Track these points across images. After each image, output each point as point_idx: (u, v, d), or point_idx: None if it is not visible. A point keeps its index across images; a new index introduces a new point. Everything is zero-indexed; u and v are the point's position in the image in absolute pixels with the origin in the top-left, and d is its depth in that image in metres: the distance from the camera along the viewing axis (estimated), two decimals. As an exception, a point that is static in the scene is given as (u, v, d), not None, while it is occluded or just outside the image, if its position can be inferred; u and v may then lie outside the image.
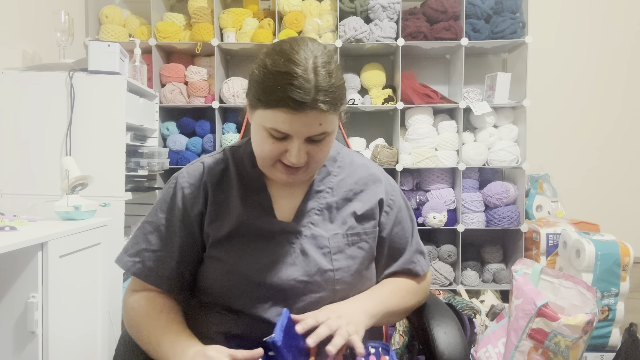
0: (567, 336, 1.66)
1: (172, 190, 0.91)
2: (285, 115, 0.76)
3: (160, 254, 0.88)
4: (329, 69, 0.77)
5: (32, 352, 1.28)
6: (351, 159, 0.98)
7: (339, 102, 0.79)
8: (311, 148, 0.81)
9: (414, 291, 0.97)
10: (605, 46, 2.88)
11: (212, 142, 2.59)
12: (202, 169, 0.92)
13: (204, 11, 2.58)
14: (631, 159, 2.89)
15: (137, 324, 0.86)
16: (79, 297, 1.51)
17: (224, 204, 0.90)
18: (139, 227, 0.92)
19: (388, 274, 0.97)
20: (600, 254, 2.04)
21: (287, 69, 0.75)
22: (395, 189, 0.99)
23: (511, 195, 2.56)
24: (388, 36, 2.53)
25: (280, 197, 0.91)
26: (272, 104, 0.76)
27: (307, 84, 0.74)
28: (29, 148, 1.85)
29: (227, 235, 0.87)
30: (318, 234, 0.88)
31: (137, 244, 0.90)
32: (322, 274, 0.85)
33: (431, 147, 2.58)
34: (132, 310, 0.88)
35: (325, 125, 0.79)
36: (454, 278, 2.61)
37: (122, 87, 1.88)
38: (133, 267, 0.89)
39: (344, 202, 0.92)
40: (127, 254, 0.91)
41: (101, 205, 1.76)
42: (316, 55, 0.78)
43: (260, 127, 0.80)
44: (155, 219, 0.90)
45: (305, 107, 0.75)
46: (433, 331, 0.94)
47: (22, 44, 2.06)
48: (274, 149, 0.80)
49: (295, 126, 0.77)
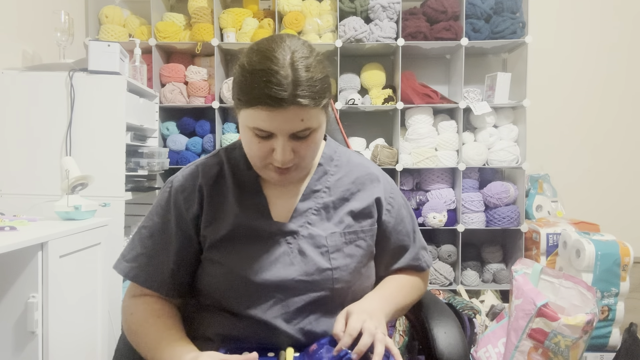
0: (567, 336, 1.66)
1: (167, 194, 0.91)
2: (265, 112, 0.75)
3: (157, 259, 0.88)
4: (307, 63, 0.77)
5: (32, 352, 1.28)
6: (348, 158, 0.98)
7: (320, 96, 0.78)
8: (297, 145, 0.80)
9: (418, 286, 0.99)
10: (604, 46, 2.88)
11: (212, 142, 2.59)
12: (197, 171, 0.92)
13: (204, 11, 2.58)
14: (631, 158, 2.90)
15: (135, 330, 0.86)
16: (79, 297, 1.51)
17: (220, 206, 0.89)
18: (135, 232, 0.92)
19: (393, 270, 0.97)
20: (600, 254, 2.04)
21: (263, 67, 0.75)
22: (394, 187, 0.99)
23: (511, 195, 2.56)
24: (388, 36, 2.53)
25: (276, 198, 0.91)
26: (251, 103, 0.76)
27: (284, 80, 0.74)
28: (29, 148, 1.85)
29: (224, 237, 0.87)
30: (315, 234, 0.88)
31: (133, 249, 0.90)
32: (320, 273, 0.85)
33: (431, 147, 2.58)
34: (131, 315, 0.87)
35: (308, 121, 0.78)
36: (454, 278, 2.61)
37: (122, 87, 1.88)
38: (130, 272, 0.89)
39: (341, 202, 0.92)
40: (124, 259, 0.90)
41: (101, 205, 1.76)
42: (294, 50, 0.77)
43: (245, 127, 0.80)
44: (151, 223, 0.90)
45: (284, 102, 0.74)
46: (433, 331, 0.94)
47: (22, 44, 2.06)
48: (261, 148, 0.80)
49: (275, 123, 0.76)
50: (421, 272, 1.01)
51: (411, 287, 0.97)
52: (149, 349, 0.82)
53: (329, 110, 0.87)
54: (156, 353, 0.80)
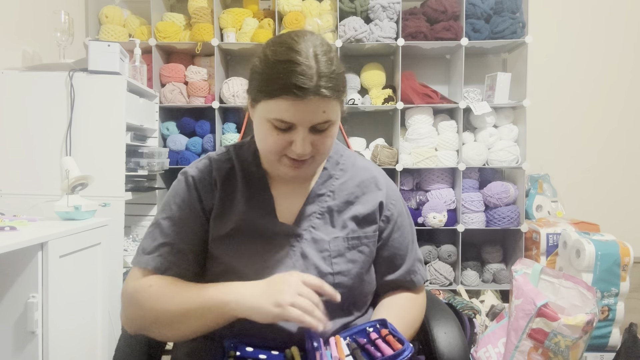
0: (567, 336, 1.66)
1: (184, 183, 0.90)
2: (289, 103, 0.76)
3: (180, 247, 0.86)
4: (329, 56, 0.78)
5: (32, 352, 1.28)
6: (353, 161, 0.98)
7: (341, 88, 0.80)
8: (316, 138, 0.81)
9: (418, 312, 0.96)
10: (605, 46, 2.88)
11: (212, 142, 2.59)
12: (211, 165, 0.92)
13: (204, 11, 2.58)
14: (631, 158, 2.90)
15: (159, 295, 0.81)
16: (79, 297, 1.51)
17: (229, 201, 0.89)
18: (152, 226, 0.89)
19: (388, 280, 0.96)
20: (600, 254, 2.04)
21: (288, 57, 0.76)
22: (396, 194, 0.98)
23: (511, 195, 2.56)
24: (388, 36, 2.53)
25: (282, 199, 0.91)
26: (275, 93, 0.76)
27: (309, 70, 0.75)
28: (29, 148, 1.85)
29: (228, 233, 0.87)
30: (319, 238, 0.88)
31: (154, 240, 0.87)
32: (321, 278, 0.85)
33: (431, 147, 2.58)
34: (150, 287, 0.82)
35: (329, 113, 0.79)
36: (454, 278, 2.61)
37: (122, 87, 1.88)
38: (152, 261, 0.85)
39: (345, 206, 0.92)
40: (144, 253, 0.87)
41: (101, 205, 1.76)
42: (316, 44, 0.78)
43: (263, 120, 0.80)
44: (170, 213, 0.88)
45: (309, 93, 0.75)
46: (433, 331, 0.94)
47: (22, 44, 2.06)
48: (279, 141, 0.80)
49: (299, 114, 0.77)
50: (415, 288, 0.98)
51: (416, 312, 0.95)
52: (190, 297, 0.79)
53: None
54: (205, 292, 0.78)
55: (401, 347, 0.73)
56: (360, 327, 0.84)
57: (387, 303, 0.95)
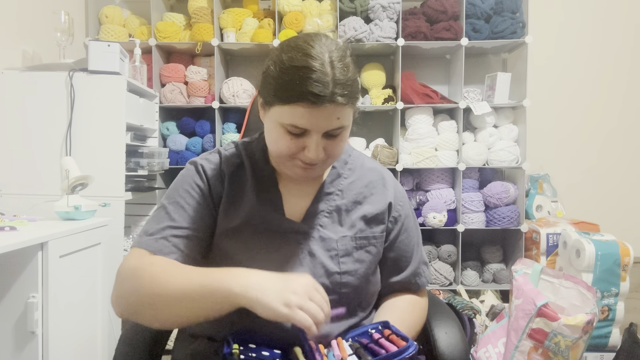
0: (567, 336, 1.66)
1: (194, 171, 0.89)
2: (304, 110, 0.75)
3: (185, 231, 0.84)
4: (344, 62, 0.78)
5: (32, 352, 1.28)
6: (362, 162, 0.98)
7: (355, 95, 0.80)
8: (328, 143, 0.81)
9: (420, 315, 0.96)
10: (605, 46, 2.88)
11: (212, 142, 2.59)
12: (220, 158, 0.92)
13: (204, 11, 2.58)
14: (631, 158, 2.90)
15: (162, 270, 0.76)
16: (79, 297, 1.51)
17: (238, 196, 0.89)
18: (158, 208, 0.88)
19: (393, 282, 0.96)
20: (600, 254, 2.04)
21: (304, 64, 0.75)
22: (403, 196, 0.98)
23: (511, 195, 2.56)
24: (388, 36, 2.53)
25: (290, 196, 0.91)
26: (290, 99, 0.76)
27: (326, 78, 0.74)
28: (29, 148, 1.85)
29: (236, 227, 0.86)
30: (327, 237, 0.88)
31: (159, 222, 0.85)
32: (328, 277, 0.85)
33: (431, 147, 2.58)
34: (151, 265, 0.78)
35: (343, 119, 0.79)
36: (454, 278, 2.61)
37: (122, 87, 1.88)
38: (155, 243, 0.82)
39: (353, 205, 0.92)
40: (146, 234, 0.84)
41: (101, 205, 1.76)
42: (331, 49, 0.78)
43: (276, 124, 0.80)
44: (178, 198, 0.87)
45: (324, 100, 0.74)
46: (433, 331, 0.94)
47: (22, 44, 2.06)
48: (292, 145, 0.80)
49: (314, 121, 0.77)
50: (419, 291, 0.98)
51: (419, 315, 0.96)
52: (193, 278, 0.74)
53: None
54: (211, 274, 0.73)
55: (405, 344, 0.73)
56: (363, 329, 0.84)
57: (389, 305, 0.95)
